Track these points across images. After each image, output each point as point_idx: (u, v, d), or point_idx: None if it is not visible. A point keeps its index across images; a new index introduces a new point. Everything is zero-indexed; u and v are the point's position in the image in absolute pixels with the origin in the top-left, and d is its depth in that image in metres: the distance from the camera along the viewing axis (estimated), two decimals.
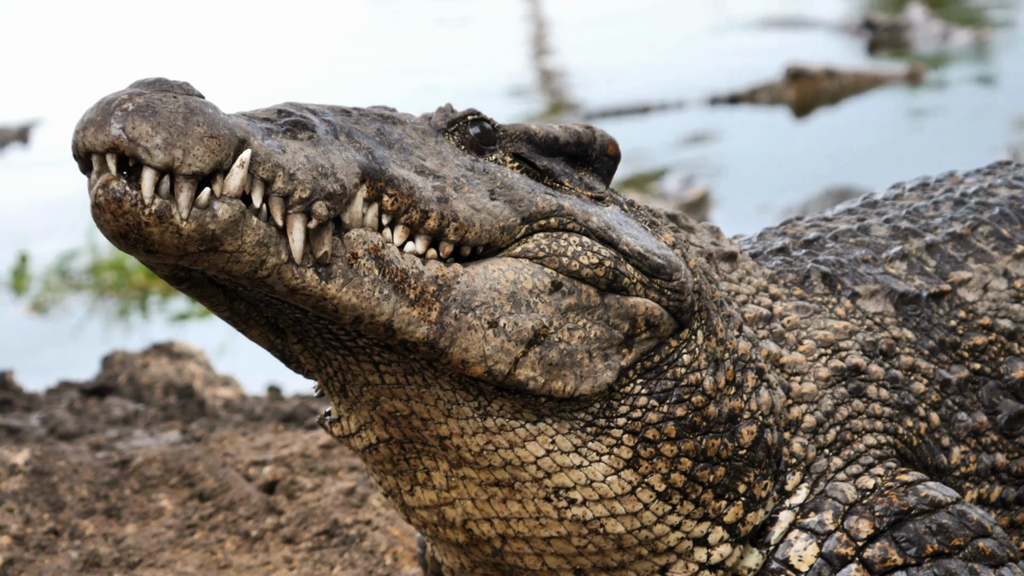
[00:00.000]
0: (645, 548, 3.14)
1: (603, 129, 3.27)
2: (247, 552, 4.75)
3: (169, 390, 6.74)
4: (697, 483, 3.11)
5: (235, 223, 2.60)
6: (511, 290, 2.93)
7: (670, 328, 3.09)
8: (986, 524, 3.22)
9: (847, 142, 13.00)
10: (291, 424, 6.04)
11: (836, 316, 3.44)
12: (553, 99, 16.68)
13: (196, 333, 9.33)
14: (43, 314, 10.82)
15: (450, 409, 2.99)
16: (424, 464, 3.11)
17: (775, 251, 3.60)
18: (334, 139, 2.79)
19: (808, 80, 15.03)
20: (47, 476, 5.10)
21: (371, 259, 2.77)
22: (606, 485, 3.06)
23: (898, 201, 3.91)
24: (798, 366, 3.32)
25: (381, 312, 2.78)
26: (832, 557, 3.15)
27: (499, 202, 2.97)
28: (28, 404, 6.60)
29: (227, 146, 2.58)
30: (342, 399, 3.10)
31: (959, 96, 14.50)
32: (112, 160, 2.56)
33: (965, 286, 3.59)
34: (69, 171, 3.07)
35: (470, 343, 2.87)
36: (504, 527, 3.13)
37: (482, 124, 3.10)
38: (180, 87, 2.64)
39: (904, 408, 3.37)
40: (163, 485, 5.14)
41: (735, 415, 3.14)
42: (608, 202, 3.20)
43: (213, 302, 2.89)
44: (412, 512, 3.24)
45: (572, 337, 2.98)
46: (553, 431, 3.03)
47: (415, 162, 2.94)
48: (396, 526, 4.75)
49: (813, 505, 3.22)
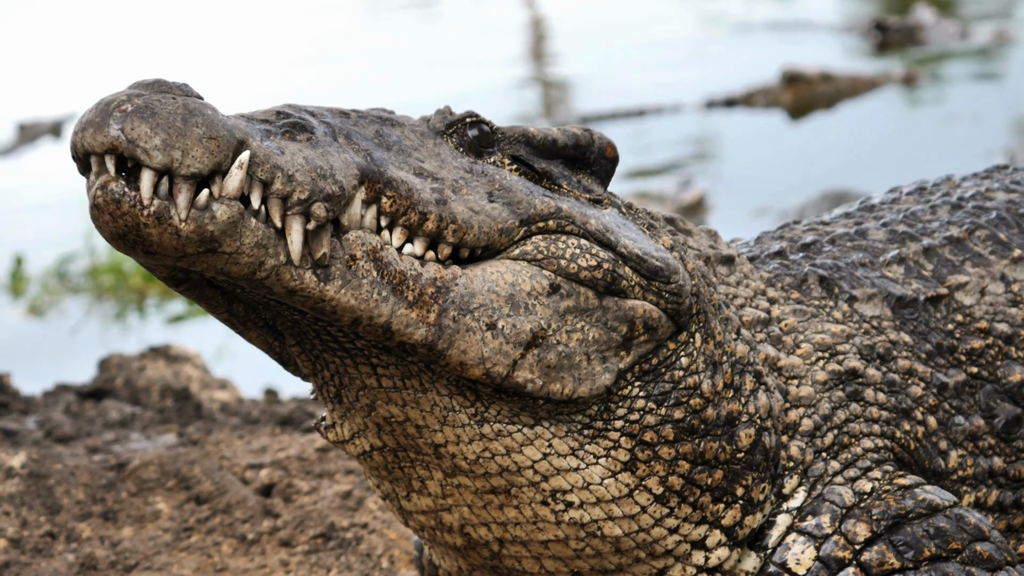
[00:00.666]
0: (643, 551, 3.14)
1: (601, 132, 3.27)
2: (243, 555, 4.74)
3: (166, 393, 6.73)
4: (695, 486, 3.10)
5: (234, 224, 2.60)
6: (509, 292, 2.93)
7: (668, 331, 3.09)
8: (984, 528, 3.21)
9: (843, 145, 13.00)
10: (288, 427, 6.04)
11: (833, 320, 3.44)
12: (549, 103, 16.68)
13: (193, 336, 9.32)
14: (40, 317, 10.80)
15: (446, 416, 2.98)
16: (419, 473, 3.11)
17: (772, 255, 3.60)
18: (333, 141, 2.79)
19: (804, 83, 15.04)
20: (43, 479, 5.10)
21: (370, 261, 2.76)
22: (603, 488, 3.06)
23: (895, 205, 3.91)
24: (796, 370, 3.32)
25: (379, 314, 2.77)
26: (830, 560, 3.15)
27: (497, 204, 2.97)
28: (25, 407, 6.60)
29: (226, 147, 2.58)
30: (337, 405, 3.09)
31: (957, 98, 14.49)
32: (111, 161, 2.55)
33: (962, 290, 3.60)
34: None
35: (468, 345, 2.86)
36: (501, 531, 3.12)
37: (480, 126, 3.09)
38: (179, 88, 2.63)
39: (901, 412, 3.37)
40: (160, 488, 5.13)
41: (733, 418, 3.14)
42: (606, 205, 3.20)
43: (211, 304, 2.88)
44: (410, 516, 3.23)
45: (570, 339, 2.98)
46: (550, 434, 3.02)
47: (414, 164, 2.93)
48: (393, 529, 4.75)
49: (811, 508, 3.22)
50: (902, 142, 12.78)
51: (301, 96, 3.28)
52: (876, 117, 14.05)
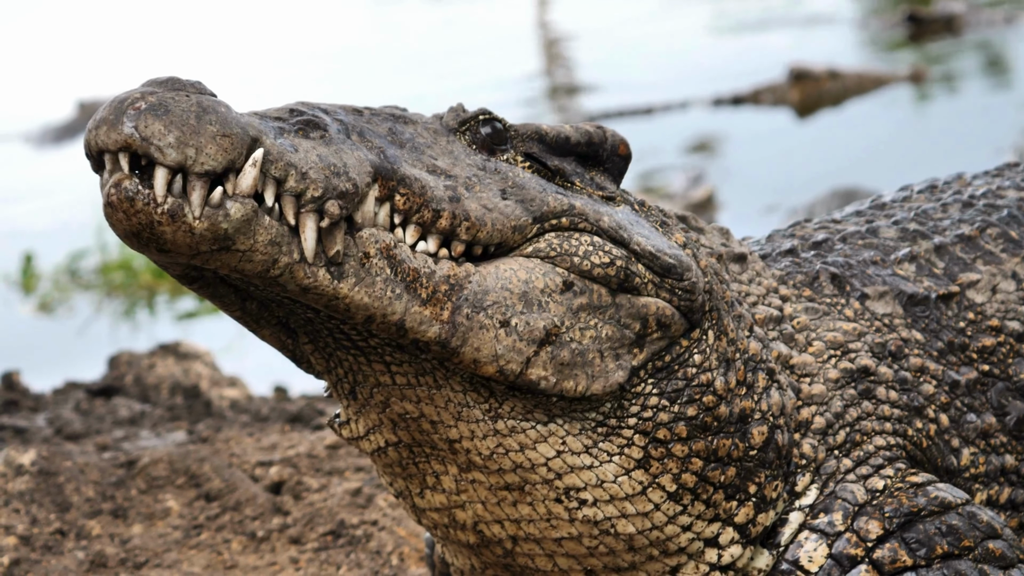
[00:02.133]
0: (656, 549, 3.13)
1: (614, 129, 3.26)
2: (253, 552, 4.75)
3: (175, 390, 6.74)
4: (708, 483, 3.10)
5: (247, 222, 2.60)
6: (523, 289, 2.93)
7: (681, 328, 3.09)
8: (996, 525, 3.21)
9: (851, 143, 12.98)
10: (297, 425, 6.04)
11: (845, 318, 3.44)
12: (558, 101, 16.67)
13: (203, 334, 9.33)
14: (50, 314, 10.81)
15: (460, 412, 2.98)
16: (433, 468, 3.11)
17: (784, 252, 3.60)
18: (346, 138, 2.79)
19: (811, 81, 14.98)
20: (53, 476, 5.10)
21: (383, 258, 2.76)
22: (617, 485, 3.06)
23: (906, 203, 3.91)
24: (808, 367, 3.32)
25: (393, 311, 2.77)
26: (842, 558, 3.15)
27: (511, 201, 2.97)
28: (34, 404, 6.61)
29: (239, 145, 2.58)
30: (351, 401, 3.09)
31: (967, 95, 14.44)
32: (125, 159, 2.55)
33: (974, 288, 3.59)
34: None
35: (482, 342, 2.86)
36: (515, 529, 3.12)
37: (493, 124, 3.09)
38: (192, 86, 2.63)
39: (913, 410, 3.37)
40: (169, 485, 5.14)
41: (746, 415, 3.14)
42: (619, 202, 3.20)
43: (225, 302, 2.88)
44: (423, 514, 3.23)
45: (584, 337, 2.98)
46: (564, 432, 3.02)
47: (427, 161, 2.93)
48: (402, 526, 4.75)
49: (823, 506, 3.21)
50: (910, 139, 12.75)
51: (307, 96, 3.26)
52: (884, 114, 14.01)
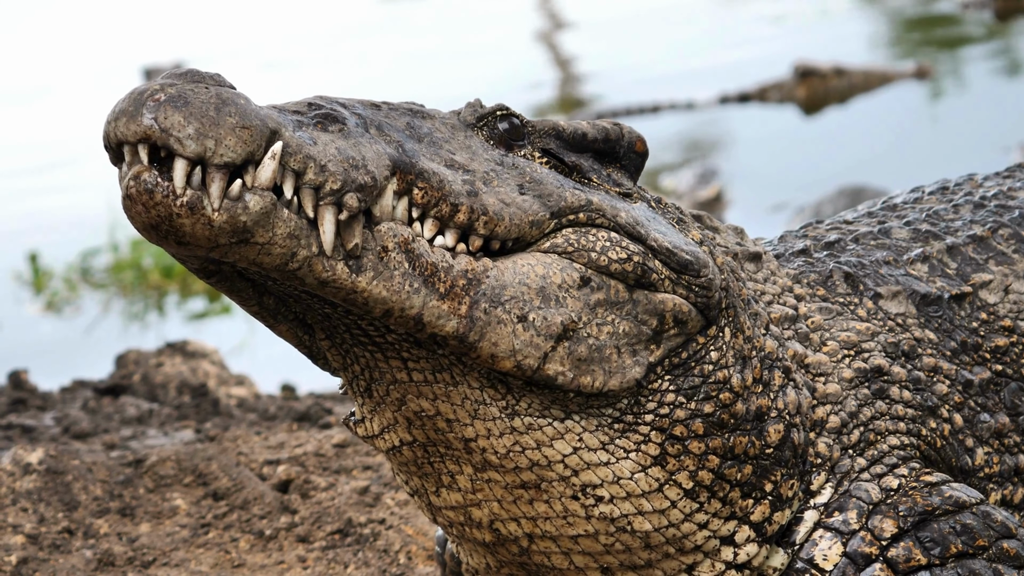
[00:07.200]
0: (672, 546, 3.13)
1: (631, 126, 3.26)
2: (261, 551, 4.74)
3: (183, 389, 6.73)
4: (725, 481, 3.10)
5: (266, 215, 2.59)
6: (540, 285, 2.92)
7: (698, 325, 3.08)
8: (1010, 525, 3.21)
9: (859, 140, 12.96)
10: (305, 423, 6.03)
11: (858, 317, 3.44)
12: (565, 99, 16.66)
13: (210, 332, 9.33)
14: (58, 313, 10.81)
15: (477, 409, 2.98)
16: (448, 468, 3.10)
17: (797, 252, 3.60)
18: (364, 132, 2.78)
19: (817, 78, 14.95)
20: (61, 475, 5.10)
21: (401, 252, 2.76)
22: (633, 482, 3.05)
23: (918, 204, 3.91)
24: (822, 367, 3.32)
25: (411, 305, 2.77)
26: (856, 556, 3.15)
27: (528, 197, 2.97)
28: (42, 403, 6.60)
29: (259, 137, 2.58)
30: (367, 399, 3.08)
31: (973, 92, 14.40)
32: (144, 151, 2.55)
33: (986, 288, 3.59)
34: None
35: (499, 337, 2.86)
36: (531, 526, 3.12)
37: (511, 119, 3.09)
38: (212, 78, 2.63)
39: (927, 409, 3.37)
40: (177, 484, 5.13)
41: (762, 413, 3.13)
42: (636, 199, 3.20)
43: (242, 296, 2.88)
44: (438, 512, 3.23)
45: (601, 332, 2.98)
46: (580, 428, 3.02)
47: (445, 156, 2.93)
48: (410, 525, 4.74)
49: (838, 504, 3.21)
50: (916, 136, 12.73)
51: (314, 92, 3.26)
52: (890, 111, 13.98)
